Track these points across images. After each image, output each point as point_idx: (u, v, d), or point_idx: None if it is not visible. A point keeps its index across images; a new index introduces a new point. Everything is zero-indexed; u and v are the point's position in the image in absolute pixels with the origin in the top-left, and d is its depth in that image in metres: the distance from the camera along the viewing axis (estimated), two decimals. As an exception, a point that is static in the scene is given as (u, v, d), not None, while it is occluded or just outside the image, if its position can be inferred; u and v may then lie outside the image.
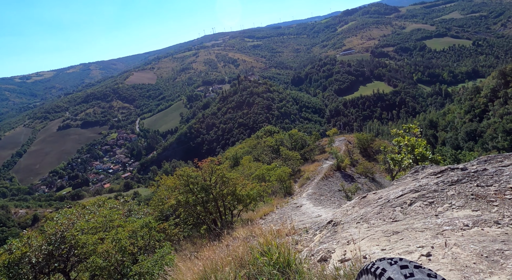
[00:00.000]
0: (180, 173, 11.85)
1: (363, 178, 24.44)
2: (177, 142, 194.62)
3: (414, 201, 4.23)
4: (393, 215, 4.06)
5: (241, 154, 36.86)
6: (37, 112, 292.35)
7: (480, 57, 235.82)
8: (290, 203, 14.95)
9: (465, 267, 2.31)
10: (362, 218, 4.37)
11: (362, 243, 3.32)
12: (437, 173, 4.93)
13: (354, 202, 5.81)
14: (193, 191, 11.56)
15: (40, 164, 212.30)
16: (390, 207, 4.37)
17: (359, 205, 5.45)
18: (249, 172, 22.82)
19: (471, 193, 3.89)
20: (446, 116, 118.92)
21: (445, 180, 4.46)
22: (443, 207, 3.82)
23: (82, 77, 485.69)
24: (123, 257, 6.61)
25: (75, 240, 7.21)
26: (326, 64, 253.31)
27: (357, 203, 5.62)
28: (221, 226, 10.53)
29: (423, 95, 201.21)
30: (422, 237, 2.97)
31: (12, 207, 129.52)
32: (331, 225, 4.75)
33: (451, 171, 4.76)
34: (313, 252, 3.69)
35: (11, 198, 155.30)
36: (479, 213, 3.36)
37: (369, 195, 5.70)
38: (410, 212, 4.03)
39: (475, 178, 4.20)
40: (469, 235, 2.83)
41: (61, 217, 8.10)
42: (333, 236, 4.12)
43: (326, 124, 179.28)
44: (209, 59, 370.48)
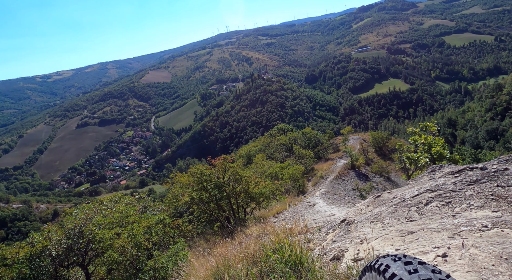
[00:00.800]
0: (193, 171, 11.97)
1: (378, 177, 24.03)
2: (191, 140, 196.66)
3: (430, 201, 4.12)
4: (408, 215, 3.96)
5: (254, 152, 36.92)
6: (57, 110, 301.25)
7: (502, 53, 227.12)
8: (303, 202, 14.87)
9: (483, 269, 2.22)
10: (376, 218, 4.29)
11: (375, 242, 3.25)
12: (455, 172, 4.79)
13: (368, 201, 5.71)
14: (207, 189, 11.69)
15: (60, 160, 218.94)
16: (405, 207, 4.26)
17: (373, 204, 5.35)
18: (262, 170, 22.82)
19: (491, 193, 3.75)
20: (465, 114, 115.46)
21: (463, 179, 4.32)
22: (460, 207, 3.71)
23: (100, 76, 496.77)
24: (139, 252, 6.76)
25: (92, 234, 7.45)
26: (341, 62, 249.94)
27: (371, 202, 5.52)
28: (234, 224, 10.60)
29: (441, 92, 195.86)
30: (438, 238, 2.88)
31: (34, 202, 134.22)
32: (344, 224, 4.68)
33: (470, 171, 4.62)
34: (325, 251, 3.65)
35: (32, 194, 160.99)
36: (499, 214, 3.24)
37: (384, 194, 5.59)
38: (426, 212, 3.92)
39: (496, 178, 4.05)
40: (488, 236, 2.72)
41: (80, 213, 8.37)
42: (346, 235, 4.06)
43: (340, 123, 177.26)
44: (223, 58, 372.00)
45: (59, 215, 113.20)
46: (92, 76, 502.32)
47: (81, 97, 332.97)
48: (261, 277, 3.12)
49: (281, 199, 15.58)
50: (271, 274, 3.08)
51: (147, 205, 11.47)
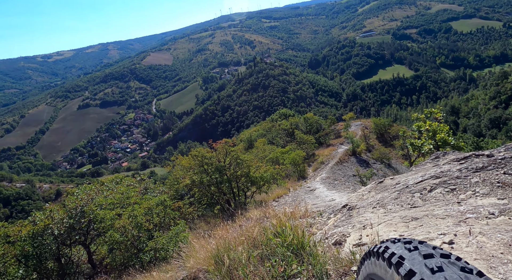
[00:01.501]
0: (194, 154, 11.98)
1: (379, 164, 24.05)
2: (193, 123, 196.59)
3: (434, 187, 4.04)
4: (412, 201, 3.90)
5: (256, 136, 36.88)
6: (58, 91, 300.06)
7: (510, 40, 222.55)
8: (303, 187, 14.93)
9: (491, 257, 2.18)
10: (379, 203, 4.22)
11: (378, 228, 3.21)
12: (460, 159, 4.70)
13: (370, 186, 5.64)
14: (208, 172, 11.70)
15: (62, 141, 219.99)
16: (409, 193, 4.19)
17: (375, 190, 5.29)
18: (263, 154, 22.83)
19: (497, 180, 3.67)
20: (469, 102, 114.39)
21: (469, 166, 4.24)
22: (465, 195, 3.64)
23: (101, 57, 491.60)
24: (139, 233, 6.86)
25: (94, 214, 7.54)
26: (345, 47, 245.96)
27: (373, 188, 5.45)
28: (234, 207, 10.67)
29: (445, 80, 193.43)
30: (443, 224, 2.83)
31: (37, 182, 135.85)
32: (346, 209, 4.62)
33: (476, 158, 4.52)
34: (327, 235, 3.62)
35: (35, 173, 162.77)
36: (506, 201, 3.19)
37: (386, 180, 5.53)
38: (430, 199, 3.85)
39: (502, 165, 3.96)
40: (495, 223, 2.67)
41: (81, 193, 8.42)
42: (348, 220, 4.03)
43: (342, 109, 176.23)
44: (225, 40, 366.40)
45: (61, 194, 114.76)
46: (93, 57, 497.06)
47: (82, 78, 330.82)
48: (262, 260, 3.12)
49: (282, 183, 15.65)
50: (272, 257, 3.06)
51: (148, 187, 11.53)
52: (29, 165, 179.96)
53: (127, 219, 6.90)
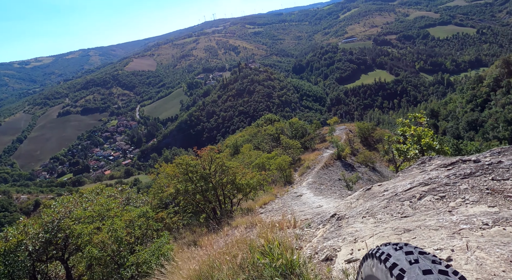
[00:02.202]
0: (179, 162, 11.68)
1: (364, 167, 24.33)
2: (178, 129, 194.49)
3: (423, 195, 3.98)
4: (402, 210, 3.83)
5: (241, 142, 36.70)
6: (36, 98, 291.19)
7: (483, 45, 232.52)
8: (290, 192, 14.84)
9: (494, 276, 2.07)
10: (368, 212, 4.15)
11: (370, 241, 3.08)
12: (448, 165, 4.67)
13: (358, 194, 5.55)
14: (192, 180, 11.43)
15: (41, 150, 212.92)
16: (398, 201, 4.12)
17: (363, 197, 5.20)
18: (249, 160, 22.67)
19: (486, 187, 3.64)
20: (447, 106, 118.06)
21: (456, 172, 4.21)
22: (455, 202, 3.58)
23: (82, 63, 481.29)
24: (120, 247, 6.54)
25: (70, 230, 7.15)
26: (328, 52, 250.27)
27: (361, 196, 5.36)
28: (220, 215, 10.45)
29: (425, 84, 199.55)
30: (437, 237, 2.73)
31: (14, 193, 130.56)
32: (335, 219, 4.51)
33: (463, 163, 4.49)
34: (317, 250, 3.49)
35: (12, 184, 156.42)
36: (497, 209, 3.13)
37: (374, 187, 5.45)
38: (420, 207, 3.79)
39: (490, 171, 3.94)
40: (490, 235, 2.59)
41: (58, 205, 7.99)
42: (337, 231, 3.91)
43: (326, 113, 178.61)
44: (210, 46, 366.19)
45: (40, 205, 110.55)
46: (74, 63, 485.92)
47: (62, 84, 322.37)
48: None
49: (268, 189, 15.49)
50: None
51: (130, 197, 11.11)
52: (6, 175, 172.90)
53: (106, 234, 6.57)
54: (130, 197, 11.18)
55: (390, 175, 22.91)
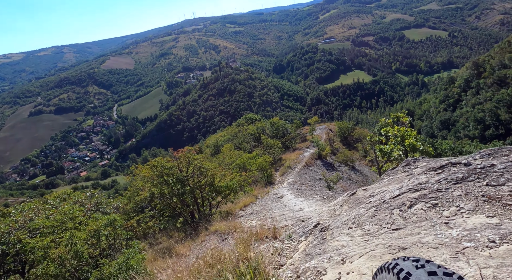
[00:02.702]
0: (153, 164, 11.11)
1: (344, 167, 24.58)
2: (157, 129, 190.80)
3: (414, 202, 3.72)
4: (391, 220, 3.56)
5: (222, 142, 36.27)
6: (5, 97, 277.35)
7: (455, 48, 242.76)
8: (271, 193, 14.54)
9: None
10: (355, 223, 3.84)
11: (360, 262, 2.74)
12: (437, 168, 4.42)
13: (343, 199, 5.25)
14: (168, 183, 10.91)
15: (11, 151, 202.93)
16: (387, 210, 3.84)
17: (348, 203, 4.91)
18: (229, 160, 22.33)
19: (482, 194, 3.42)
20: (422, 106, 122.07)
21: (448, 177, 3.96)
22: (450, 211, 3.34)
23: (55, 60, 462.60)
24: (81, 262, 6.00)
25: (21, 244, 6.41)
26: (308, 52, 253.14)
27: (345, 201, 5.06)
28: (199, 219, 10.06)
29: (401, 84, 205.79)
30: (438, 258, 2.43)
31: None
32: (318, 230, 4.15)
33: (453, 167, 4.25)
34: (299, 272, 3.11)
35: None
36: (498, 221, 2.90)
37: (359, 192, 5.17)
38: (411, 216, 3.53)
39: (483, 175, 3.73)
40: (499, 256, 2.29)
41: (17, 213, 7.29)
42: (321, 246, 3.57)
43: (307, 112, 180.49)
44: (190, 45, 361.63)
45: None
46: (46, 60, 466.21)
47: (34, 82, 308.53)
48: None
49: (249, 190, 15.18)
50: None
51: (99, 203, 10.42)
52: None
53: (64, 247, 5.87)
54: (100, 203, 10.45)
55: (370, 174, 23.21)
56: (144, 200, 10.70)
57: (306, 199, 10.41)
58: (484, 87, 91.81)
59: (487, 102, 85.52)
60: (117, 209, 10.91)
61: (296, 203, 10.01)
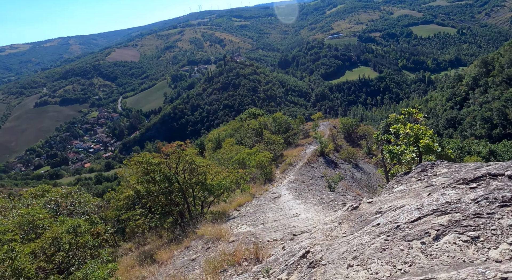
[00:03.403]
0: (138, 160, 10.28)
1: (347, 164, 23.95)
2: (161, 122, 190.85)
3: (443, 232, 2.68)
4: (410, 258, 2.52)
5: (224, 136, 35.77)
6: (12, 87, 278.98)
7: (463, 45, 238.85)
8: (269, 192, 13.82)
9: None
10: (357, 257, 2.85)
11: None
12: (470, 181, 3.31)
13: (342, 215, 4.23)
14: (155, 180, 10.17)
15: (16, 141, 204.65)
16: (403, 240, 2.81)
17: (349, 220, 3.87)
18: (229, 156, 21.81)
19: None
20: (428, 103, 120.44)
21: (488, 195, 2.89)
22: (499, 251, 2.29)
23: (61, 51, 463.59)
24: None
25: None
26: (314, 48, 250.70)
27: (345, 217, 4.03)
28: (188, 219, 9.50)
29: (407, 81, 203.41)
30: None
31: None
32: (307, 264, 3.13)
33: (493, 180, 3.16)
34: None
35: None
36: None
37: (363, 205, 4.17)
38: (439, 254, 2.46)
39: None
40: None
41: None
42: None
43: (311, 108, 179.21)
44: (195, 38, 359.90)
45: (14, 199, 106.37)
46: (52, 51, 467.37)
47: (39, 73, 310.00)
48: None
49: (246, 188, 14.64)
50: None
51: (76, 202, 9.57)
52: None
53: (1, 263, 4.91)
54: (77, 202, 9.61)
55: (373, 172, 22.58)
56: (128, 198, 10.11)
57: (304, 202, 9.76)
58: (492, 86, 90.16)
59: (495, 100, 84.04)
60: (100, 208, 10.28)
61: (292, 207, 9.40)
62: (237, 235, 6.36)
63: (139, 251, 8.25)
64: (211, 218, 9.53)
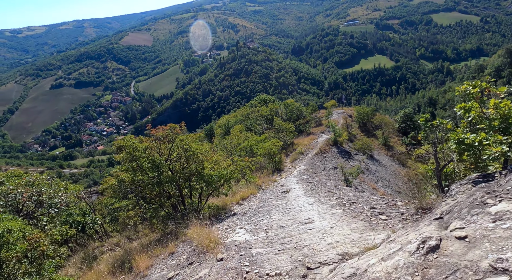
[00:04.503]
0: (120, 144, 8.84)
1: (361, 155, 22.87)
2: (173, 107, 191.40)
3: None
4: None
5: (233, 122, 34.93)
6: (28, 69, 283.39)
7: (486, 34, 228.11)
8: (276, 184, 12.86)
9: None
10: None
11: None
12: None
13: (410, 262, 2.61)
14: (142, 168, 8.83)
15: (33, 122, 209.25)
16: None
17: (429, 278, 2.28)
18: (236, 142, 20.96)
19: None
20: (446, 94, 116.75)
21: None
22: None
23: (76, 34, 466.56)
24: None
25: None
26: (329, 35, 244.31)
27: (419, 268, 2.44)
28: (182, 214, 8.57)
29: (424, 71, 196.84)
30: None
31: (3, 164, 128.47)
32: None
33: None
34: None
35: (3, 155, 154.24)
36: None
37: (449, 242, 2.58)
38: None
39: None
40: None
41: None
42: None
43: (324, 97, 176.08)
44: (208, 23, 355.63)
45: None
46: (67, 34, 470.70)
47: (55, 56, 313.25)
48: None
49: (252, 179, 13.72)
50: None
51: (42, 193, 8.26)
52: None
53: None
54: (42, 193, 8.27)
55: (389, 166, 21.38)
56: (111, 188, 9.03)
57: (318, 201, 8.48)
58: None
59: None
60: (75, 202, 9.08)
61: (303, 207, 8.06)
62: (230, 248, 5.50)
63: (123, 249, 7.44)
64: (209, 213, 8.65)
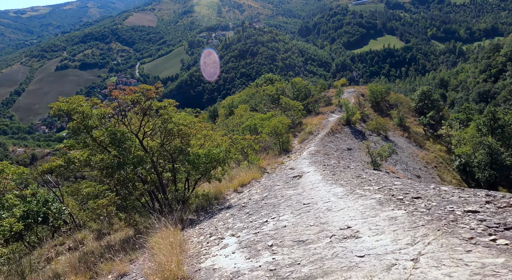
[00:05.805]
0: (60, 107, 6.42)
1: (375, 136, 21.30)
2: (177, 89, 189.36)
3: None
4: None
5: (238, 103, 33.31)
6: (33, 50, 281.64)
7: (502, 13, 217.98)
8: (284, 167, 10.82)
9: None
10: None
11: None
12: None
13: None
14: (99, 145, 6.61)
15: (40, 104, 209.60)
16: None
17: None
18: (239, 121, 19.38)
19: None
20: (458, 75, 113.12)
21: None
22: None
23: (80, 15, 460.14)
24: None
25: None
26: (337, 14, 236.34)
27: None
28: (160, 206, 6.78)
29: (435, 52, 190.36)
30: None
31: (11, 145, 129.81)
32: None
33: None
34: None
35: (11, 136, 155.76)
36: None
37: None
38: None
39: None
40: None
41: None
42: None
43: (331, 79, 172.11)
44: (213, 2, 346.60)
45: (37, 159, 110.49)
46: (71, 14, 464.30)
47: (60, 37, 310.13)
48: None
49: (255, 160, 12.07)
50: None
51: None
52: (5, 127, 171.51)
53: None
54: None
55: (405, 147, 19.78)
56: (55, 171, 6.76)
57: (351, 192, 5.64)
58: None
59: (536, 73, 77.06)
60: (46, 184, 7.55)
61: (330, 201, 5.25)
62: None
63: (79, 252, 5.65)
64: (196, 205, 6.92)
